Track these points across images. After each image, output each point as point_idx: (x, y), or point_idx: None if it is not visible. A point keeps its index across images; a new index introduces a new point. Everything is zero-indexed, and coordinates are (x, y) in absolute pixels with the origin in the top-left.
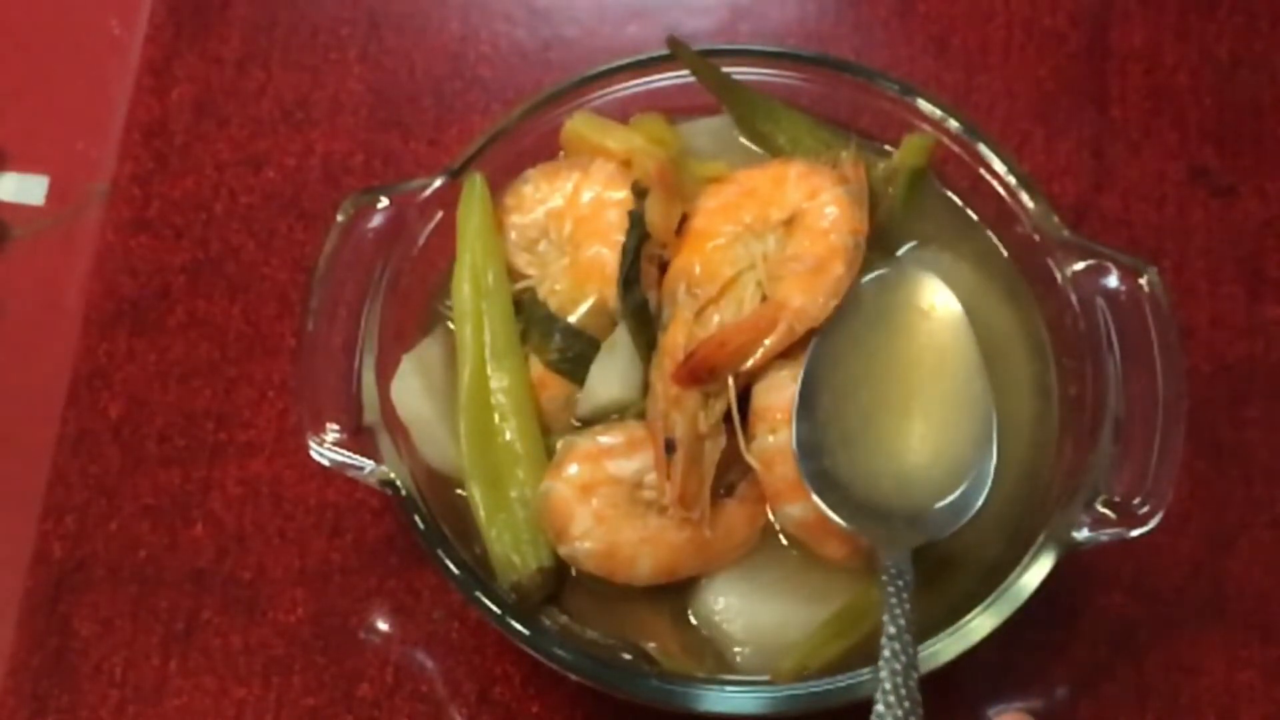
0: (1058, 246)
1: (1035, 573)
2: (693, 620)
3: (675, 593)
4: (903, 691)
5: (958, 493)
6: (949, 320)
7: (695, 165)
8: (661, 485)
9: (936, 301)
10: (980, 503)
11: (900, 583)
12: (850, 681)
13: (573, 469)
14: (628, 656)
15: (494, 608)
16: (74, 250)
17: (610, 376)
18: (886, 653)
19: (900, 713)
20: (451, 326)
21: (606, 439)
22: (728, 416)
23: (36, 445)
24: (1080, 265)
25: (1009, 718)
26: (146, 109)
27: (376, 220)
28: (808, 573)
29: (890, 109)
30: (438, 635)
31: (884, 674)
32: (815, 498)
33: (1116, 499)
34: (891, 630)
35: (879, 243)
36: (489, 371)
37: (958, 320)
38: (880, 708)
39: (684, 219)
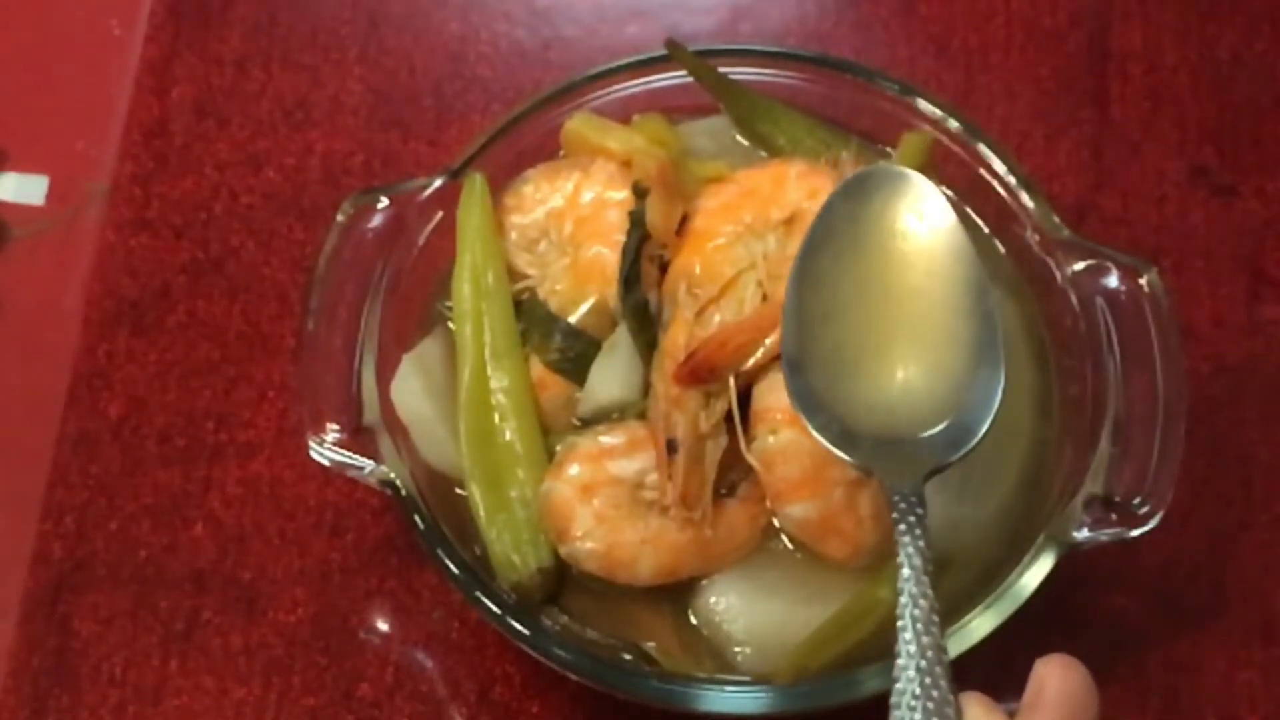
0: (1058, 246)
1: (1035, 573)
2: (693, 620)
3: (676, 593)
4: (925, 640)
5: (960, 412)
6: (942, 229)
7: (695, 165)
8: (663, 485)
9: (927, 209)
10: (989, 423)
11: (914, 516)
12: (850, 681)
13: (574, 469)
14: (628, 656)
15: (494, 608)
16: (74, 250)
17: (610, 377)
18: (904, 598)
19: (924, 663)
20: (451, 326)
21: (608, 439)
22: (729, 416)
23: (36, 445)
24: (1080, 265)
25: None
26: (146, 109)
27: (376, 220)
28: (808, 573)
29: (890, 109)
30: (438, 635)
31: (903, 623)
32: (806, 423)
33: (1116, 499)
34: (906, 572)
35: None
36: (489, 371)
37: (951, 230)
38: (901, 660)
39: (684, 219)
